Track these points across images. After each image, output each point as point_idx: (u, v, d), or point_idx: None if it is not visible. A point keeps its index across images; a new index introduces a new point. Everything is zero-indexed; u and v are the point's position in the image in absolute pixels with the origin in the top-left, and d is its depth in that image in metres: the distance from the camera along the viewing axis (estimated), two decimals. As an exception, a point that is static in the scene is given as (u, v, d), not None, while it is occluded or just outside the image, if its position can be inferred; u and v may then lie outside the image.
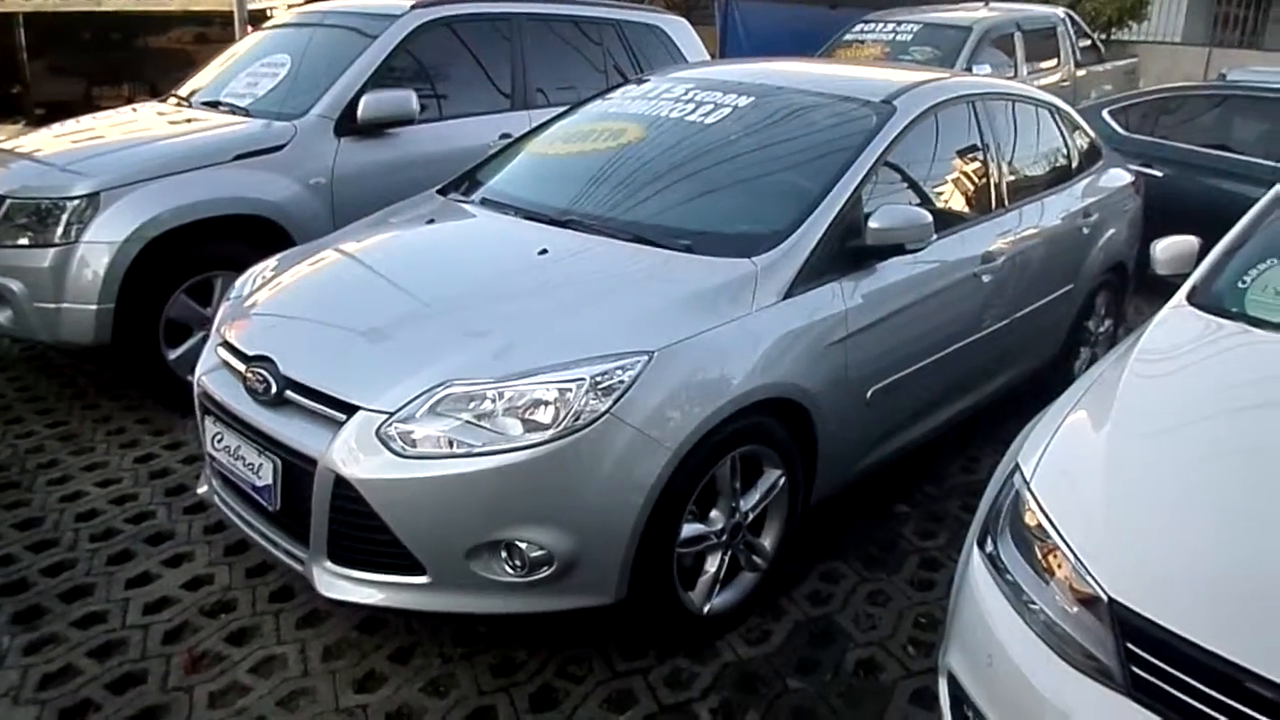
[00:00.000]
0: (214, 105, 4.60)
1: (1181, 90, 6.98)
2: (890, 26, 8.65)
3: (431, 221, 3.20)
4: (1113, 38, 12.28)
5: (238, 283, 3.09)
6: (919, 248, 2.94)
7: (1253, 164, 5.88)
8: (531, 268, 2.77)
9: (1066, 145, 4.23)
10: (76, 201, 3.72)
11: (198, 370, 2.81)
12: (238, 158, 4.03)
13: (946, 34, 8.25)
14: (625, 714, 2.45)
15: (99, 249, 3.71)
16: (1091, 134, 4.56)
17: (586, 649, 2.66)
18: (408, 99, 4.37)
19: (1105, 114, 6.51)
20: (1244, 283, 2.54)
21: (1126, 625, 1.61)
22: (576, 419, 2.27)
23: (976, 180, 3.58)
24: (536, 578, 2.34)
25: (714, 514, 2.62)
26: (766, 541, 2.81)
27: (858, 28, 8.88)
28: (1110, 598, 1.64)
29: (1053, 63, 8.91)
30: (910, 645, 2.75)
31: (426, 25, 4.64)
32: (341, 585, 2.43)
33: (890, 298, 3.00)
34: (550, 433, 2.26)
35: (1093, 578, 1.68)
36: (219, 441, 2.68)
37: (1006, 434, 3.87)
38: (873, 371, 2.96)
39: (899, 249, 2.91)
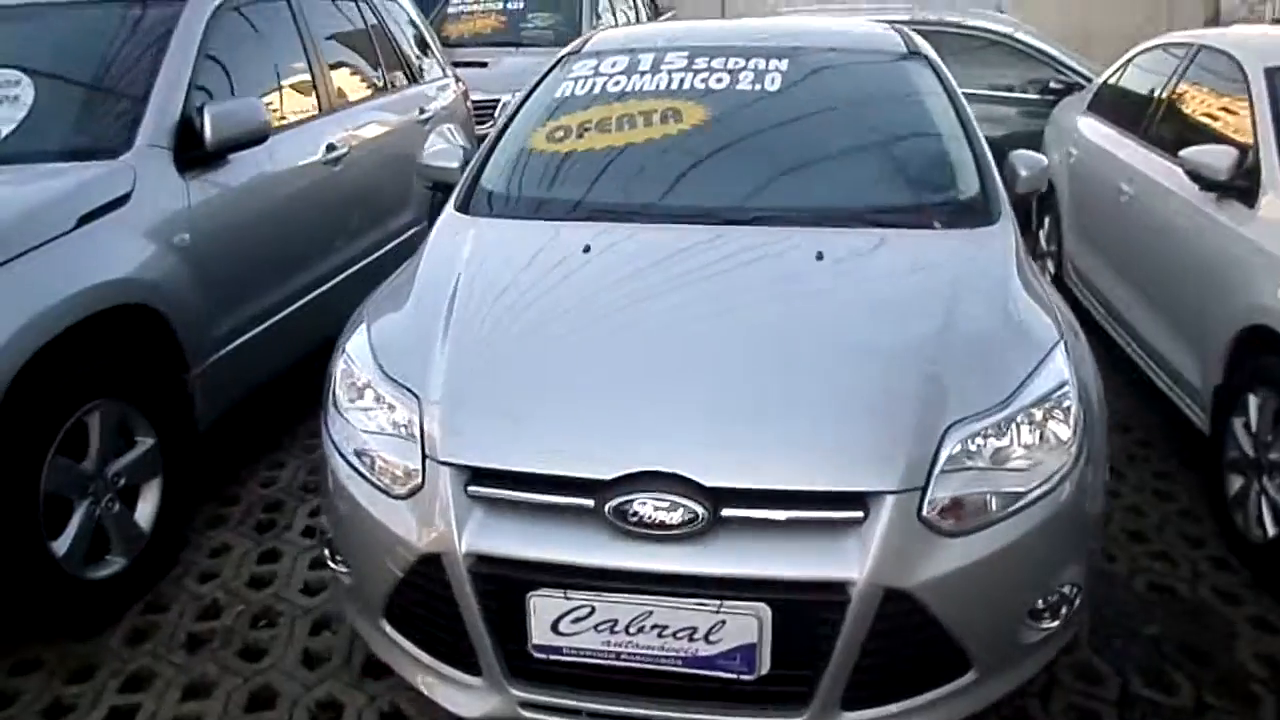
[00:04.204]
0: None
1: None
2: (496, -7, 8.23)
3: (588, 249, 2.40)
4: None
5: (402, 391, 2.01)
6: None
7: None
8: (835, 278, 2.27)
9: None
10: None
11: (464, 540, 1.80)
12: (82, 220, 2.57)
13: (562, -5, 8.12)
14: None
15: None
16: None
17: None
18: (257, 108, 3.14)
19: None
20: None
21: None
22: (1079, 425, 1.97)
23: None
24: (1060, 621, 2.00)
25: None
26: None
27: (457, 1, 8.35)
28: None
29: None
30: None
31: (224, 5, 3.35)
32: (860, 733, 1.82)
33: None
34: (1074, 449, 1.93)
35: None
36: (577, 621, 1.78)
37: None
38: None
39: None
